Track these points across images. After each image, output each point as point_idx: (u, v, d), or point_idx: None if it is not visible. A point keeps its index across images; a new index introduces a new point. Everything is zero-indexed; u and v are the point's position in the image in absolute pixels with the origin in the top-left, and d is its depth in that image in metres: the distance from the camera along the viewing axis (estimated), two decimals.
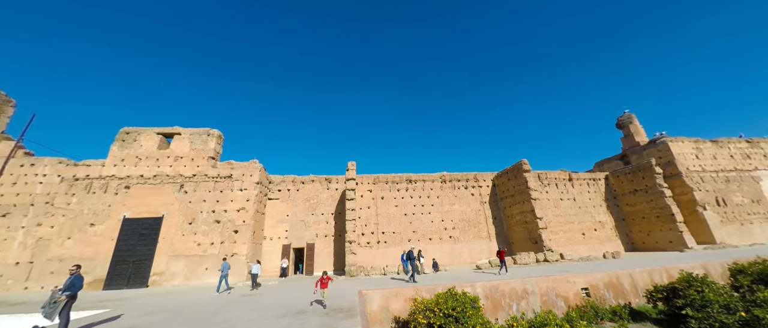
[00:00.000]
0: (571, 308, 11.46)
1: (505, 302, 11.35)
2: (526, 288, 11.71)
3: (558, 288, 11.98)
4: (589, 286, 12.37)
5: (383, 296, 10.83)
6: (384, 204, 23.75)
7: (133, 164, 19.88)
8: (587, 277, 12.62)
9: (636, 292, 12.75)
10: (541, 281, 12.00)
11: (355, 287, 12.65)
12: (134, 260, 17.50)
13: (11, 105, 20.85)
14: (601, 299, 11.98)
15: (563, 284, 12.14)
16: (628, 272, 13.22)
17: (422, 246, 22.39)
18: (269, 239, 22.00)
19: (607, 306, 11.66)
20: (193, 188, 19.80)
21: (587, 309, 11.05)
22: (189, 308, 9.76)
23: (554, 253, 19.58)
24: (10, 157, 19.47)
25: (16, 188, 18.97)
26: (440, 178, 25.33)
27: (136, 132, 20.77)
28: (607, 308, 11.46)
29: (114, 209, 18.58)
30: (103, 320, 8.35)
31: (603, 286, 12.53)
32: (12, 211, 18.42)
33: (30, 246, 17.65)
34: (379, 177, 24.53)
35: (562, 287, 12.06)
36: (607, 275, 12.88)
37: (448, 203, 24.59)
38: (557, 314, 10.78)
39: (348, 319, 7.04)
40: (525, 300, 11.49)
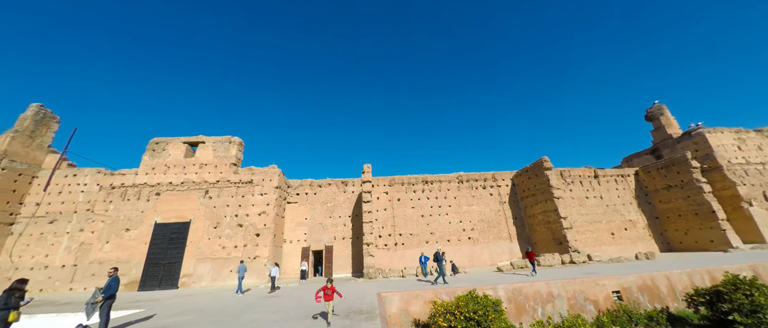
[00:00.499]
0: (601, 312, 10.86)
1: (529, 305, 10.95)
2: (551, 291, 11.23)
3: (587, 291, 11.40)
4: (621, 289, 11.68)
5: (402, 299, 10.77)
6: (400, 206, 23.67)
7: (162, 172, 21.08)
8: (619, 279, 11.92)
9: (674, 295, 11.89)
10: (567, 283, 11.47)
11: (374, 289, 12.67)
12: (165, 262, 18.49)
13: (56, 121, 22.75)
14: (635, 303, 11.26)
15: (592, 286, 11.53)
16: (665, 274, 12.36)
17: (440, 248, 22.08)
18: (289, 241, 22.53)
19: (642, 311, 10.94)
20: (217, 193, 20.68)
21: (619, 314, 10.42)
22: (215, 309, 10.16)
23: (581, 254, 18.67)
24: (56, 169, 21.26)
25: (62, 197, 20.64)
26: (457, 178, 24.92)
27: (164, 142, 22.02)
28: (641, 312, 10.76)
29: (146, 215, 19.76)
30: (138, 320, 8.88)
31: (637, 289, 11.79)
32: (58, 218, 20.05)
33: (74, 250, 19.12)
34: (395, 179, 24.51)
35: (591, 290, 11.47)
36: (640, 277, 12.10)
37: (466, 203, 24.12)
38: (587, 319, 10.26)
39: (368, 321, 7.06)
40: (551, 304, 11.01)
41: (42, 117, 21.81)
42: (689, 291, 10.87)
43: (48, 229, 19.75)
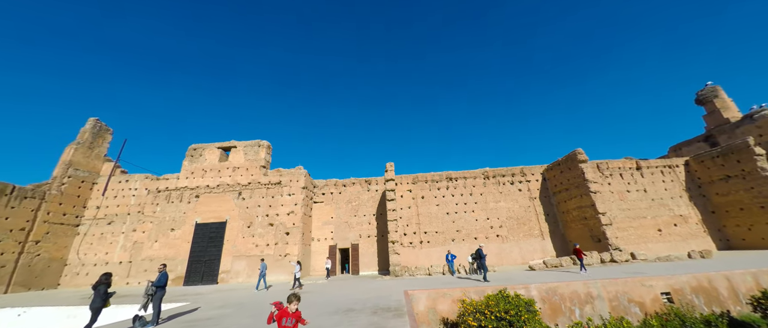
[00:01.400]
0: (649, 315, 10.03)
1: (565, 306, 10.38)
2: (590, 292, 10.56)
3: (631, 292, 10.58)
4: (671, 290, 10.69)
5: (429, 297, 10.69)
6: (425, 204, 23.47)
7: (200, 175, 22.68)
8: (668, 279, 10.92)
9: (736, 298, 10.66)
10: (608, 283, 10.72)
11: (401, 287, 12.70)
12: (206, 259, 19.92)
13: (109, 133, 25.33)
14: (689, 306, 10.25)
15: (637, 287, 10.68)
16: (725, 274, 11.12)
17: (467, 246, 21.61)
18: (317, 240, 23.26)
19: (698, 315, 9.94)
20: (249, 194, 21.86)
21: (670, 317, 9.55)
22: (251, 303, 10.78)
23: (623, 252, 17.33)
24: (111, 176, 23.67)
25: (117, 201, 22.96)
26: (483, 174, 24.19)
27: (201, 148, 23.67)
28: (697, 316, 9.77)
29: (188, 216, 21.39)
30: (185, 312, 9.67)
31: (690, 290, 10.73)
32: (114, 220, 22.35)
33: (128, 248, 21.21)
34: (418, 177, 24.34)
35: (636, 290, 10.62)
36: (695, 277, 10.99)
37: (493, 199, 23.34)
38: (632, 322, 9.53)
39: (396, 318, 7.10)
40: (589, 305, 10.36)
41: (98, 130, 24.37)
42: (755, 294, 9.69)
43: (107, 229, 22.10)
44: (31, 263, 19.23)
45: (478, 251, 13.70)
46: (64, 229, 21.28)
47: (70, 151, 22.26)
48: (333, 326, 6.80)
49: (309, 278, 19.97)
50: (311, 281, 17.84)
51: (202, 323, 7.92)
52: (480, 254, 13.54)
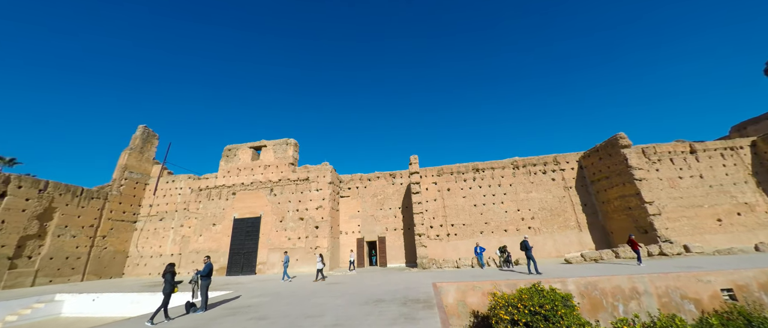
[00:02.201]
0: (706, 313, 9.11)
1: (607, 301, 9.75)
2: (635, 287, 9.81)
3: (684, 288, 9.66)
4: (733, 286, 9.60)
5: (459, 289, 10.60)
6: (451, 196, 23.09)
7: (235, 174, 24.22)
8: (730, 274, 9.80)
9: None
10: (657, 278, 9.88)
11: (429, 279, 12.72)
12: (244, 252, 21.38)
13: (156, 138, 27.82)
14: (757, 305, 9.15)
15: (692, 282, 9.72)
16: None
17: (496, 239, 20.99)
18: (344, 233, 23.93)
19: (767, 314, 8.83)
20: (279, 190, 22.98)
21: (733, 316, 8.59)
22: (286, 293, 11.44)
23: (674, 245, 15.80)
24: (160, 177, 26.07)
25: (166, 199, 25.31)
26: (512, 164, 23.18)
27: (235, 148, 25.21)
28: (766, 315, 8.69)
29: (227, 212, 23.02)
30: (229, 299, 10.52)
31: (758, 287, 9.55)
32: (165, 216, 24.69)
33: (178, 242, 23.38)
34: (443, 168, 23.94)
35: (691, 286, 9.67)
36: (763, 272, 9.76)
37: (524, 190, 22.33)
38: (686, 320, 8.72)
39: (425, 310, 7.15)
40: (635, 301, 9.64)
41: (147, 136, 26.88)
42: None
43: (159, 225, 24.51)
44: (99, 255, 21.96)
45: (524, 242, 13.25)
46: (124, 225, 23.96)
47: (125, 156, 24.85)
48: (363, 316, 7.02)
49: (338, 269, 20.67)
50: (340, 273, 18.46)
51: (244, 309, 8.57)
52: (526, 245, 13.08)
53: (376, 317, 6.77)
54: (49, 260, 19.04)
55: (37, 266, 18.51)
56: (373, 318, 6.71)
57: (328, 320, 6.82)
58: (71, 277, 20.14)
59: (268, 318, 7.29)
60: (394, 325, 5.99)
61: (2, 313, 12.29)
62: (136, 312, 12.06)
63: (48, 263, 19.00)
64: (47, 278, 18.83)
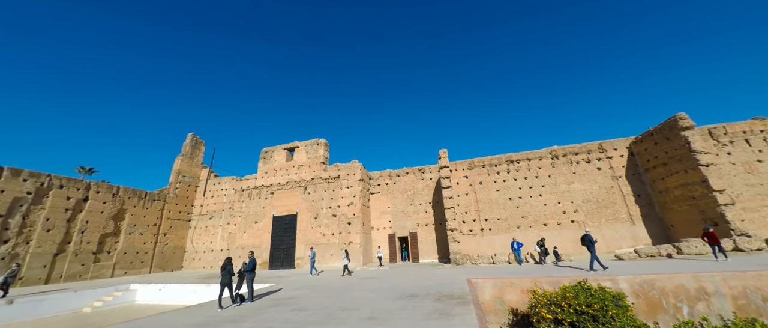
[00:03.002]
0: None
1: (668, 302, 8.79)
2: (703, 286, 8.70)
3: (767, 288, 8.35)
4: None
5: (495, 286, 10.26)
6: (483, 189, 22.27)
7: (272, 175, 25.74)
8: None
9: None
10: (730, 277, 8.66)
11: (463, 275, 12.47)
12: (284, 247, 22.72)
13: (203, 144, 30.52)
14: None
15: None
16: None
17: (535, 233, 19.86)
18: (376, 229, 24.30)
19: None
20: (313, 189, 23.97)
21: None
22: (324, 286, 11.97)
23: (753, 239, 13.66)
24: (208, 179, 28.59)
25: (214, 200, 27.72)
26: (550, 153, 21.67)
27: (271, 150, 26.76)
28: None
29: (266, 210, 24.60)
30: (272, 291, 11.30)
31: None
32: (214, 215, 27.08)
33: (226, 238, 25.54)
34: (474, 161, 23.15)
35: None
36: None
37: (565, 181, 20.79)
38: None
39: (460, 306, 7.04)
40: (703, 302, 8.56)
41: (195, 142, 29.59)
42: None
43: (209, 223, 26.97)
44: (162, 250, 24.80)
45: (586, 236, 12.21)
46: (180, 223, 26.75)
47: (178, 162, 27.64)
48: (398, 310, 7.11)
49: (371, 264, 21.09)
50: (372, 268, 18.81)
51: (285, 301, 9.15)
52: (589, 239, 12.02)
53: (410, 312, 6.82)
54: (123, 255, 21.98)
55: (115, 260, 21.47)
56: (407, 313, 6.77)
57: (364, 313, 7.02)
58: (141, 269, 23.05)
59: (308, 309, 7.71)
60: (428, 320, 6.00)
61: (91, 299, 14.49)
62: (195, 301, 13.46)
63: (123, 257, 21.94)
64: (123, 270, 21.77)
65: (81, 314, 13.39)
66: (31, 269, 17.39)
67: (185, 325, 6.74)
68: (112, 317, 12.45)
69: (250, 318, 7.08)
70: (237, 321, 6.86)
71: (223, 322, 6.85)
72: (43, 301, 12.91)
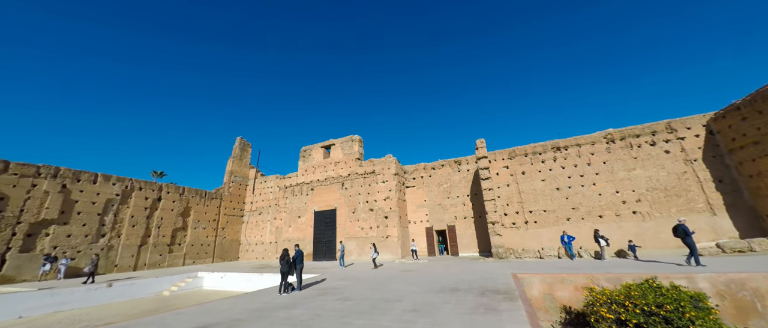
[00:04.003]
0: None
1: (763, 305, 7.46)
2: None
3: None
4: None
5: (544, 282, 9.65)
6: (526, 180, 20.88)
7: (312, 172, 27.06)
8: None
9: None
10: None
11: (507, 270, 11.93)
12: (325, 240, 23.87)
13: (249, 146, 33.16)
14: None
15: None
16: None
17: (589, 225, 18.14)
18: (413, 222, 24.29)
19: None
20: (350, 184, 24.69)
21: None
22: (364, 277, 12.35)
23: None
24: (256, 178, 31.05)
25: (261, 197, 30.07)
26: (605, 137, 19.47)
27: (309, 148, 28.10)
28: None
29: (308, 206, 26.02)
30: (317, 281, 11.99)
31: None
32: (262, 211, 29.41)
33: (273, 232, 27.61)
34: (515, 150, 21.77)
35: None
36: None
37: (624, 167, 18.56)
38: None
39: (507, 302, 6.75)
40: None
41: (243, 145, 32.27)
42: None
43: (259, 218, 29.38)
44: (221, 242, 27.70)
45: (680, 226, 10.58)
46: (235, 219, 29.56)
47: (230, 164, 30.44)
48: (440, 303, 7.07)
49: (409, 258, 21.18)
50: (410, 261, 18.88)
51: (331, 290, 9.65)
52: (684, 230, 10.43)
53: (453, 305, 6.74)
54: (191, 246, 25.03)
55: (185, 251, 24.55)
56: (450, 306, 6.70)
57: (407, 304, 7.11)
58: (205, 259, 26.05)
59: (353, 299, 8.04)
60: (474, 314, 5.86)
61: (169, 284, 16.81)
62: (251, 288, 14.86)
63: (190, 248, 24.99)
64: (191, 260, 24.82)
65: (161, 296, 15.62)
66: (123, 258, 20.70)
67: (246, 309, 7.48)
68: (186, 299, 14.31)
69: (301, 306, 7.60)
70: (289, 308, 7.42)
71: (277, 308, 7.46)
72: (133, 285, 15.31)
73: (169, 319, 6.82)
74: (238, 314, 6.99)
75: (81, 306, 13.12)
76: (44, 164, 18.03)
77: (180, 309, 7.97)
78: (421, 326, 5.38)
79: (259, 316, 6.68)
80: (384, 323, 5.64)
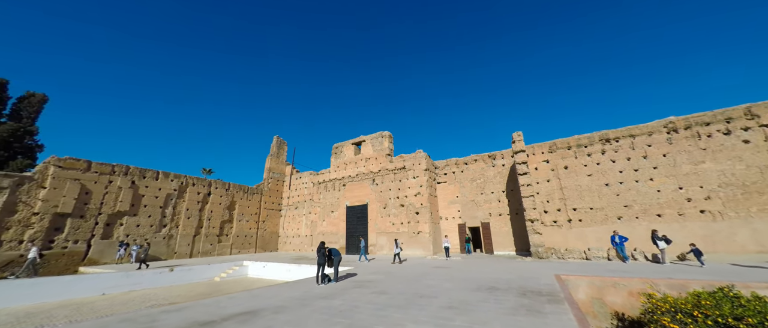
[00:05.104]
0: None
1: None
2: None
3: None
4: None
5: (593, 285, 8.96)
6: (569, 175, 19.38)
7: (343, 168, 27.79)
8: None
9: None
10: None
11: (549, 270, 11.26)
12: (357, 235, 24.46)
13: (285, 144, 34.97)
14: None
15: None
16: None
17: (645, 225, 16.37)
18: (445, 218, 23.89)
19: None
20: (380, 180, 24.94)
21: None
22: (396, 272, 12.45)
23: None
24: (291, 175, 32.69)
25: (297, 192, 31.63)
26: (665, 126, 17.31)
27: (340, 145, 28.85)
28: None
29: (340, 201, 26.82)
30: (350, 274, 12.36)
31: None
32: (298, 205, 30.95)
33: (309, 226, 28.94)
34: (556, 143, 20.27)
35: None
36: None
37: (689, 160, 16.37)
38: None
39: (552, 304, 6.38)
40: None
41: (279, 143, 34.12)
42: None
43: (295, 213, 30.97)
44: (263, 234, 29.71)
45: None
46: (273, 213, 31.49)
47: (269, 161, 32.40)
48: (478, 302, 6.90)
49: (440, 254, 20.90)
50: (442, 258, 18.61)
51: (366, 284, 9.89)
52: None
53: (492, 305, 6.54)
54: (236, 237, 27.23)
55: (231, 242, 26.79)
56: (489, 305, 6.51)
57: (442, 301, 7.05)
58: (249, 249, 28.19)
59: (388, 293, 8.17)
60: (516, 315, 5.64)
61: (219, 271, 18.49)
62: (291, 278, 15.79)
63: (236, 239, 27.19)
64: (237, 249, 27.01)
65: (213, 282, 17.25)
66: (181, 246, 23.17)
67: (288, 297, 7.98)
68: (234, 285, 15.65)
69: (339, 297, 7.91)
70: (328, 298, 7.76)
71: (317, 298, 7.85)
72: (190, 270, 17.09)
73: (223, 302, 7.52)
74: (282, 301, 7.47)
75: (150, 287, 14.99)
76: (117, 163, 20.74)
77: (231, 294, 8.74)
78: (460, 324, 5.31)
79: (301, 304, 7.08)
80: (421, 318, 5.66)
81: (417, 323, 5.37)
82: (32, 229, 16.80)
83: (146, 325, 5.58)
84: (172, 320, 5.88)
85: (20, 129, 19.36)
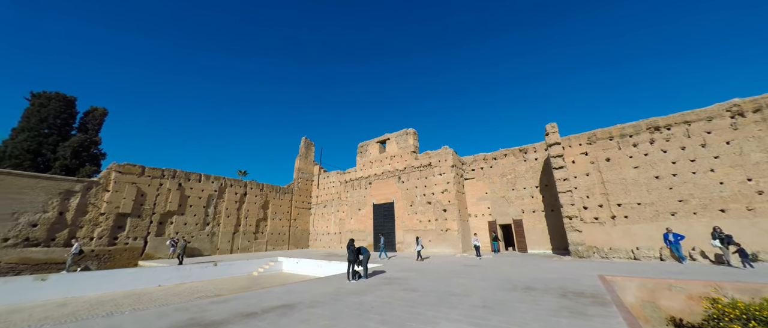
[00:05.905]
0: None
1: None
2: None
3: None
4: None
5: (643, 287, 8.23)
6: (612, 167, 17.85)
7: (369, 166, 28.10)
8: None
9: None
10: None
11: (591, 271, 10.52)
12: (385, 232, 24.65)
13: (313, 145, 36.13)
14: None
15: None
16: None
17: (704, 221, 14.63)
18: (474, 215, 23.23)
19: None
20: (406, 177, 24.87)
21: None
22: (427, 270, 12.36)
23: None
24: (319, 175, 33.73)
25: (326, 191, 32.58)
26: (729, 110, 15.28)
27: (366, 144, 29.18)
28: None
29: (367, 199, 27.17)
30: (379, 271, 12.50)
31: None
32: (327, 204, 31.88)
33: (337, 223, 29.71)
34: (596, 133, 18.77)
35: None
36: None
37: (759, 148, 14.31)
38: None
39: (597, 306, 5.96)
40: None
41: (307, 144, 35.33)
42: None
43: (324, 211, 31.95)
44: (294, 232, 31.05)
45: None
46: (304, 211, 32.75)
47: (298, 161, 33.72)
48: (514, 302, 6.64)
49: (470, 252, 20.38)
50: (472, 256, 18.12)
51: (396, 281, 9.95)
52: None
53: (530, 306, 6.26)
54: (270, 235, 28.74)
55: (266, 239, 28.33)
56: (526, 306, 6.24)
57: (476, 300, 6.88)
58: (282, 246, 29.62)
59: (419, 291, 8.15)
60: (557, 317, 5.35)
61: (256, 266, 19.67)
62: (322, 273, 16.35)
63: (270, 236, 28.70)
64: (271, 246, 28.52)
65: (252, 276, 18.38)
66: (222, 242, 24.98)
67: (321, 292, 8.28)
68: (270, 280, 16.56)
69: (370, 293, 8.05)
70: (359, 294, 7.93)
71: (348, 293, 8.06)
72: (231, 265, 18.37)
73: (262, 295, 7.99)
74: (316, 296, 7.77)
75: (198, 280, 16.37)
76: (166, 167, 22.82)
77: (269, 288, 9.26)
78: (495, 324, 5.15)
79: (334, 300, 7.31)
80: (454, 316, 5.58)
81: (450, 321, 5.30)
82: (100, 227, 19.10)
83: (198, 314, 6.11)
84: (220, 310, 6.37)
85: (87, 140, 22.07)
